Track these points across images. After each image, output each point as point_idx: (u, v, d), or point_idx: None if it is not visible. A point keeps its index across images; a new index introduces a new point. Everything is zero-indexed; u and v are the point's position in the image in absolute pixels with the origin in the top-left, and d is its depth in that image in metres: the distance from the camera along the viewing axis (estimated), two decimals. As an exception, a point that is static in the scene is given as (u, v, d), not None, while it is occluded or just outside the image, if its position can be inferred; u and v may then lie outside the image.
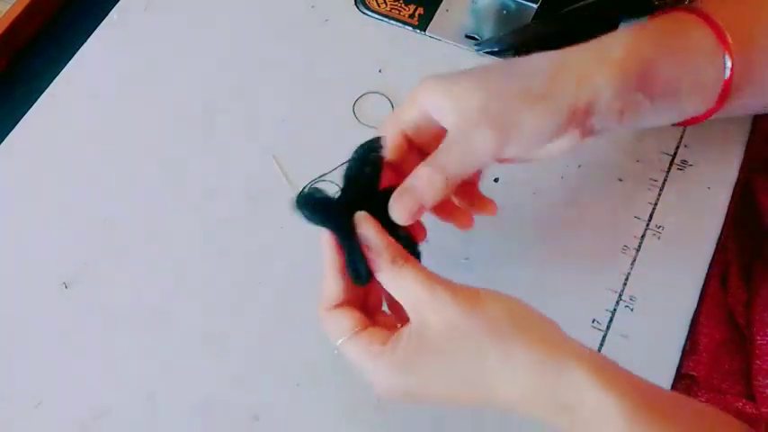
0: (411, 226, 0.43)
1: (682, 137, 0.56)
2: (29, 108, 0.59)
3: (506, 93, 0.41)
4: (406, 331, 0.39)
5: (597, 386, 0.36)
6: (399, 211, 0.41)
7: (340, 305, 0.41)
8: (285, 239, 0.53)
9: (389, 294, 0.41)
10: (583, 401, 0.36)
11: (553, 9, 0.61)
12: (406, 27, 0.62)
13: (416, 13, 0.62)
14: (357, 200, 0.42)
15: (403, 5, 0.63)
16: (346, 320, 0.41)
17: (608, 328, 0.49)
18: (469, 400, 0.39)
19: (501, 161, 0.45)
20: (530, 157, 0.45)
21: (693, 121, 0.49)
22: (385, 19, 0.62)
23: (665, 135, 0.56)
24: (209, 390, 0.49)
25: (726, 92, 0.46)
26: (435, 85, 0.42)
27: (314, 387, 0.48)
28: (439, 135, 0.43)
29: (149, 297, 0.52)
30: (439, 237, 0.50)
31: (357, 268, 0.41)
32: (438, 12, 0.62)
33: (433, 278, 0.39)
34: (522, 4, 0.62)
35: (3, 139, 0.58)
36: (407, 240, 0.42)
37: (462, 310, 0.38)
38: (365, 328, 0.41)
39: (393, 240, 0.41)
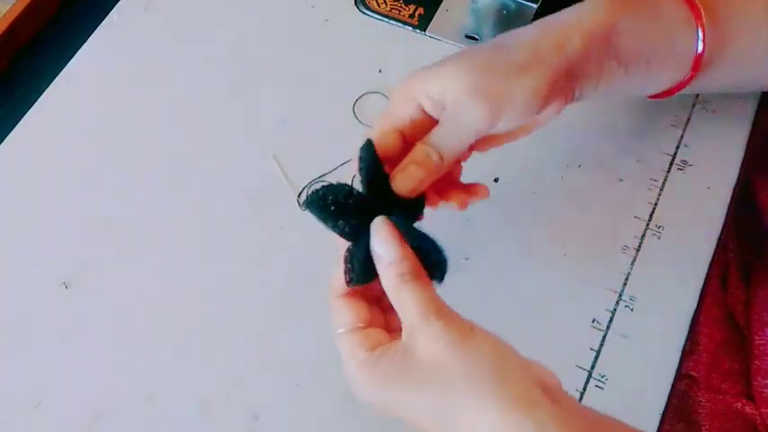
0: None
1: (682, 137, 0.56)
2: (29, 108, 0.59)
3: (493, 66, 0.42)
4: (393, 347, 0.39)
5: None
6: (402, 184, 0.42)
7: (348, 294, 0.41)
8: (285, 239, 0.53)
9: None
10: None
11: (553, 9, 0.61)
12: (407, 27, 0.62)
13: (416, 13, 0.62)
14: (375, 201, 0.42)
15: (403, 5, 0.63)
16: (348, 313, 0.41)
17: (608, 328, 0.49)
18: None
19: (492, 141, 0.47)
20: (520, 131, 0.46)
21: (667, 93, 0.50)
22: (385, 19, 0.62)
23: (665, 135, 0.56)
24: (209, 390, 0.49)
25: (697, 64, 0.47)
26: (423, 75, 0.43)
27: (314, 387, 0.48)
28: (432, 126, 0.43)
29: (149, 297, 0.52)
30: (439, 237, 0.50)
31: (357, 269, 0.40)
32: (438, 12, 0.62)
33: (432, 305, 0.38)
34: (522, 4, 0.62)
35: (3, 139, 0.58)
36: (428, 246, 0.41)
37: (451, 346, 0.37)
38: (366, 325, 0.41)
39: (409, 252, 0.40)
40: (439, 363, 0.37)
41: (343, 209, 0.40)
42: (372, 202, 0.41)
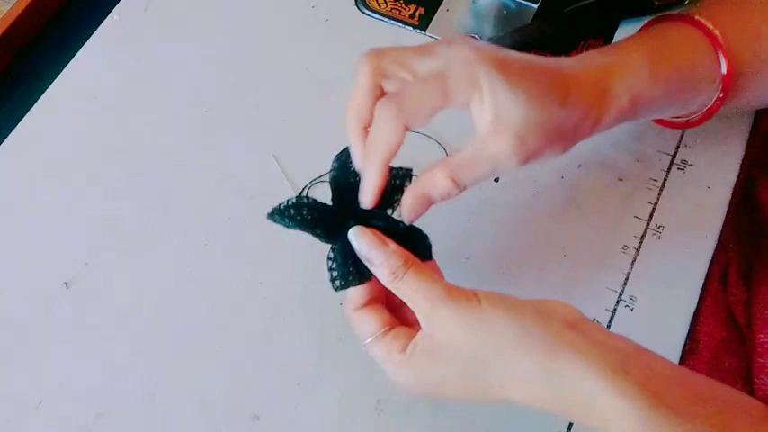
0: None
1: (682, 137, 0.56)
2: (30, 108, 0.59)
3: (544, 127, 0.41)
4: (419, 340, 0.40)
5: (607, 392, 0.36)
6: (409, 212, 0.42)
7: (366, 305, 0.42)
8: (285, 239, 0.53)
9: None
10: (593, 409, 0.36)
11: (553, 9, 0.61)
12: (407, 27, 0.62)
13: (417, 14, 0.62)
14: (345, 199, 0.43)
15: (403, 5, 0.63)
16: (372, 322, 0.42)
17: (608, 327, 0.49)
18: (485, 401, 0.40)
19: None
20: None
21: (692, 124, 0.50)
22: (385, 19, 0.62)
23: (665, 135, 0.56)
24: (209, 390, 0.49)
25: (726, 91, 0.46)
26: (496, 79, 0.40)
27: (314, 387, 0.48)
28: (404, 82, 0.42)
29: (150, 297, 0.52)
30: (439, 237, 0.50)
31: (338, 273, 0.42)
32: (438, 12, 0.62)
33: (434, 291, 0.39)
34: (522, 4, 0.62)
35: (4, 139, 0.58)
36: (413, 233, 0.43)
37: (463, 323, 0.38)
38: (391, 328, 0.42)
39: (393, 249, 0.41)
40: (460, 342, 0.39)
41: (306, 221, 0.42)
42: (339, 207, 0.43)
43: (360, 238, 0.42)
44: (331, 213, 0.43)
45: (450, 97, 0.40)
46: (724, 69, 0.46)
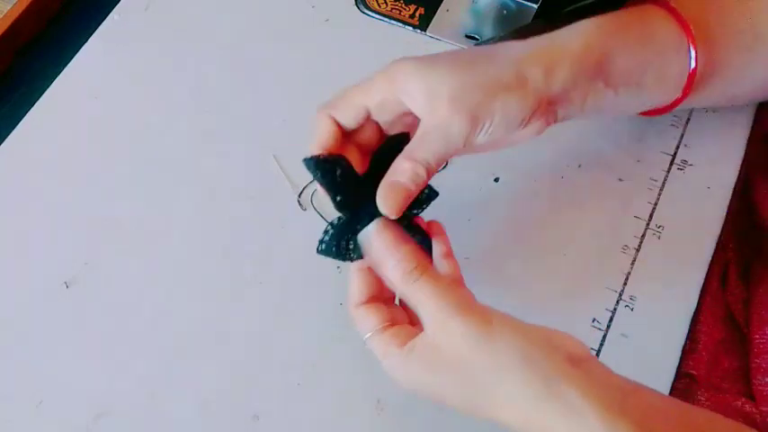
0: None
1: (682, 137, 0.56)
2: (30, 108, 0.59)
3: (478, 82, 0.42)
4: (421, 341, 0.40)
5: (605, 426, 0.36)
6: (390, 206, 0.43)
7: (367, 302, 0.43)
8: (285, 239, 0.53)
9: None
10: None
11: (553, 9, 0.61)
12: (407, 27, 0.62)
13: (417, 14, 0.62)
14: (376, 181, 0.43)
15: (403, 5, 0.63)
16: (372, 318, 0.42)
17: (608, 327, 0.49)
18: (477, 416, 0.40)
19: (469, 150, 0.47)
20: (497, 145, 0.47)
21: (659, 111, 0.50)
22: (385, 19, 0.62)
23: (665, 135, 0.56)
24: (209, 389, 0.49)
25: (690, 83, 0.47)
26: (409, 68, 0.43)
27: (314, 387, 0.48)
28: (401, 115, 0.44)
29: (150, 297, 0.52)
30: (439, 237, 0.50)
31: (327, 240, 0.43)
32: (438, 12, 0.62)
33: (448, 298, 0.40)
34: (522, 4, 0.62)
35: (4, 139, 0.58)
36: (422, 239, 0.44)
37: (472, 341, 0.38)
38: (391, 325, 0.42)
39: (410, 249, 0.42)
40: (464, 358, 0.39)
41: (334, 180, 0.43)
42: (367, 184, 0.43)
43: (381, 234, 0.43)
44: (356, 185, 0.43)
45: (370, 90, 0.44)
46: (693, 63, 0.46)
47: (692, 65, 0.46)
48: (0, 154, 0.57)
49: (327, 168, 0.43)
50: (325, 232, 0.43)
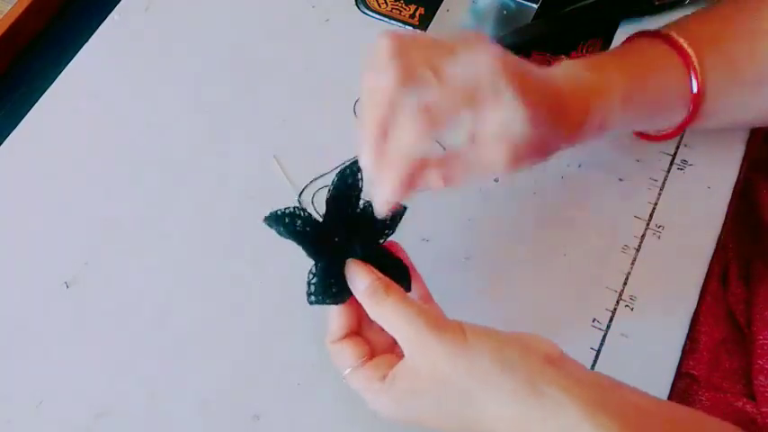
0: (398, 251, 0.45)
1: (682, 137, 0.56)
2: (30, 108, 0.59)
3: (534, 143, 0.41)
4: (401, 369, 0.40)
5: (588, 424, 0.36)
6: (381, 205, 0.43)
7: (345, 336, 0.43)
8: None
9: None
10: None
11: (553, 9, 0.61)
12: (407, 27, 0.62)
13: (417, 14, 0.62)
14: (338, 220, 0.44)
15: (404, 5, 0.63)
16: (350, 354, 0.42)
17: (608, 327, 0.49)
18: None
19: None
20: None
21: (660, 138, 0.52)
22: (386, 19, 0.62)
23: (665, 135, 0.56)
24: (209, 389, 0.49)
25: (695, 111, 0.48)
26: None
27: (314, 387, 0.48)
28: None
29: (150, 297, 0.52)
30: (439, 237, 0.50)
31: (315, 288, 0.42)
32: (439, 12, 0.62)
33: (421, 316, 0.40)
34: (522, 4, 0.62)
35: (4, 139, 0.58)
36: (396, 265, 0.44)
37: (448, 356, 0.39)
38: (369, 358, 0.42)
39: (378, 275, 0.42)
40: (440, 371, 0.39)
41: (297, 233, 0.43)
42: (329, 226, 0.43)
43: (352, 269, 0.43)
44: (321, 230, 0.43)
45: (477, 108, 0.40)
46: (695, 88, 0.47)
47: (695, 89, 0.47)
48: (0, 154, 0.57)
49: (288, 222, 0.43)
50: (309, 283, 0.43)
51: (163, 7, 0.64)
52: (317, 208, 0.54)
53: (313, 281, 0.43)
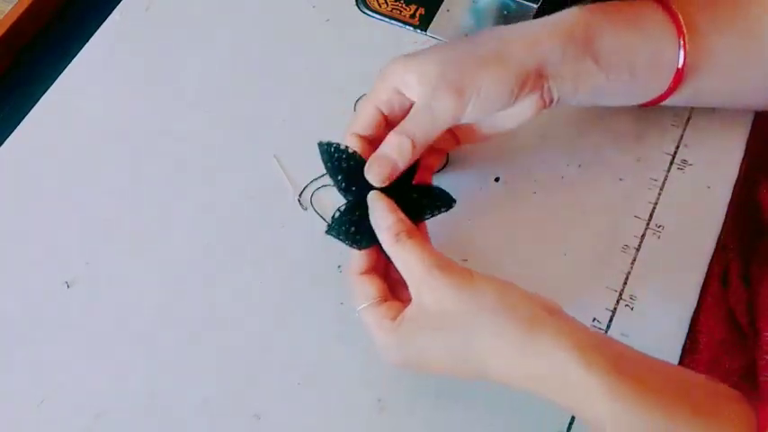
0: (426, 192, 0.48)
1: (682, 137, 0.56)
2: (30, 108, 0.59)
3: (461, 59, 0.45)
4: (410, 309, 0.42)
5: (580, 364, 0.38)
6: (375, 175, 0.45)
7: (367, 272, 0.45)
8: (285, 239, 0.53)
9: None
10: (566, 380, 0.38)
11: (553, 9, 0.61)
12: (407, 27, 0.62)
13: (417, 14, 0.62)
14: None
15: (404, 6, 0.63)
16: (369, 288, 0.45)
17: (608, 327, 0.49)
18: (465, 375, 0.42)
19: (474, 134, 0.50)
20: (498, 125, 0.49)
21: (651, 102, 0.51)
22: (386, 19, 0.62)
23: (665, 135, 0.56)
24: (209, 389, 0.49)
25: (679, 76, 0.48)
26: (400, 62, 0.46)
27: (314, 387, 0.48)
28: (410, 107, 0.47)
29: (151, 296, 0.52)
30: (439, 237, 0.50)
31: (335, 220, 0.46)
32: (439, 12, 0.62)
33: (433, 257, 0.42)
34: (522, 3, 0.62)
35: (5, 139, 0.58)
36: (428, 194, 0.47)
37: (454, 291, 0.41)
38: (385, 299, 0.44)
39: (401, 216, 0.45)
40: (446, 307, 0.41)
41: (336, 165, 0.46)
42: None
43: (375, 202, 0.45)
44: (359, 168, 0.46)
45: (374, 94, 0.47)
46: (681, 59, 0.47)
47: (681, 54, 0.47)
48: (1, 154, 0.58)
49: (333, 151, 0.46)
50: (333, 217, 0.46)
51: (163, 7, 0.64)
52: (318, 208, 0.54)
53: (336, 214, 0.46)
